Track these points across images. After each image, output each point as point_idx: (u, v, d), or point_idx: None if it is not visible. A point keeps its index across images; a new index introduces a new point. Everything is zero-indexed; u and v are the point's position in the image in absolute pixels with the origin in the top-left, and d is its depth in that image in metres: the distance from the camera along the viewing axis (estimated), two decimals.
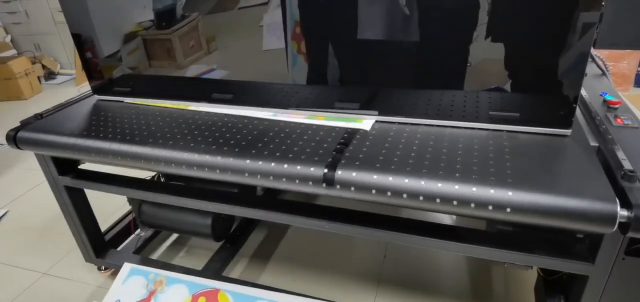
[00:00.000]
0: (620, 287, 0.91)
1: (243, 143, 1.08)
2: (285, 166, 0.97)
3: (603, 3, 0.93)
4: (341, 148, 1.01)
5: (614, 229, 0.75)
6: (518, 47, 0.96)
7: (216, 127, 1.19)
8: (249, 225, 1.79)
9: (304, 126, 1.15)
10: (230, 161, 1.02)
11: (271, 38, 1.19)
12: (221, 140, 1.10)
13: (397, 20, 1.03)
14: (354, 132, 1.10)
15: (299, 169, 0.95)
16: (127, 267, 1.48)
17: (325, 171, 0.93)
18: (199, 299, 1.37)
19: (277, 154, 1.01)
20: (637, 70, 3.23)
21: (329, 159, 0.96)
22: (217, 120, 1.25)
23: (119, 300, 1.40)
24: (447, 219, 1.81)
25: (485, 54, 0.99)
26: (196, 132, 1.17)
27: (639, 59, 3.17)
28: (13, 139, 1.30)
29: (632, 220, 0.73)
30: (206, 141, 1.11)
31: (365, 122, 1.15)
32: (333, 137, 1.08)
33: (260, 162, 0.99)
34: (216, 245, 1.64)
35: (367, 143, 1.03)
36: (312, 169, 0.94)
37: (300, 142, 1.05)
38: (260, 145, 1.06)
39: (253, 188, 1.52)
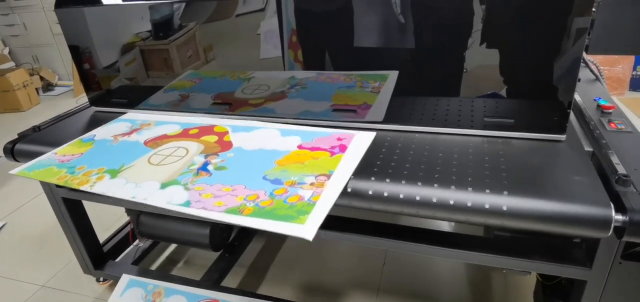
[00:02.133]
0: (617, 291, 0.91)
1: None
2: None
3: (594, 10, 0.95)
4: None
5: (610, 234, 0.75)
6: (510, 54, 0.97)
7: None
8: (247, 234, 1.79)
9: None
10: None
11: (268, 46, 1.20)
12: None
13: (392, 28, 1.04)
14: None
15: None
16: (125, 278, 1.47)
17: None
18: None
19: None
20: (632, 74, 3.25)
21: None
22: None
23: None
24: (446, 226, 1.81)
25: (479, 60, 1.00)
26: None
27: (634, 63, 3.20)
28: (11, 151, 1.30)
29: (627, 224, 0.74)
30: None
31: (309, 223, 0.81)
32: None
33: None
34: (214, 255, 1.64)
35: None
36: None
37: None
38: None
39: None
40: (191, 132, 1.25)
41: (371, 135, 1.08)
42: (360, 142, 1.06)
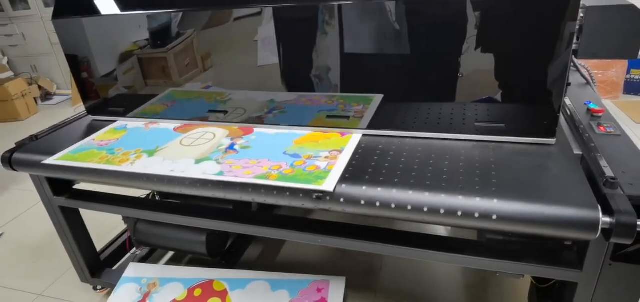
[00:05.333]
0: (608, 293, 0.92)
1: None
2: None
3: (582, 15, 0.97)
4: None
5: (598, 236, 0.77)
6: (499, 59, 0.99)
7: None
8: (244, 241, 1.79)
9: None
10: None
11: (266, 53, 1.20)
12: None
13: (387, 34, 1.06)
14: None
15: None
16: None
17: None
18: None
19: None
20: (626, 78, 3.28)
21: None
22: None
23: None
24: (440, 231, 1.82)
25: (470, 66, 1.01)
26: None
27: (627, 67, 3.23)
28: (8, 161, 1.31)
29: (614, 226, 0.75)
30: None
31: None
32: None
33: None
34: (212, 262, 1.64)
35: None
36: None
37: None
38: None
39: (248, 204, 1.53)
40: (196, 293, 1.40)
41: (343, 281, 1.35)
42: (336, 290, 1.36)
